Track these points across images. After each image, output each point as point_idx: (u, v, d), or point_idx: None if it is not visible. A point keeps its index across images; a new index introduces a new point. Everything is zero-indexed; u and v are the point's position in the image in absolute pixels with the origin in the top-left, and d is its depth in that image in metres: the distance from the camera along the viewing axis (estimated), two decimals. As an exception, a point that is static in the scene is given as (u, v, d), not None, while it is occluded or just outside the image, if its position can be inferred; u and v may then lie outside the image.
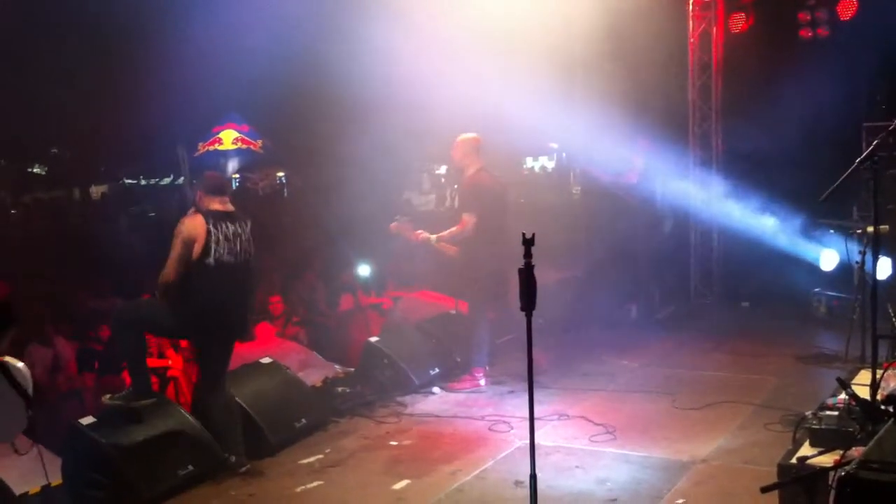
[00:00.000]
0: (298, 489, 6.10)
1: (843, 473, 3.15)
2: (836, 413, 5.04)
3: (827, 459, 4.66)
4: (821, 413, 5.12)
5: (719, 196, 11.64)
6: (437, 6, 9.92)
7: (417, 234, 8.45)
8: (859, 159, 5.56)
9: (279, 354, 7.85)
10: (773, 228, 10.87)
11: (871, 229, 6.55)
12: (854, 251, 8.61)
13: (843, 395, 5.19)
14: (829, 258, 10.40)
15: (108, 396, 6.32)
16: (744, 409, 7.32)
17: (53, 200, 22.98)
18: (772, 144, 10.73)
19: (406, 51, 9.82)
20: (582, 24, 9.83)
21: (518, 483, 5.92)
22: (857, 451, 4.19)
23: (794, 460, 4.84)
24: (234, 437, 6.44)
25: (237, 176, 22.76)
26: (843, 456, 4.38)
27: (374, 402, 7.88)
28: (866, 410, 4.85)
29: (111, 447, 5.85)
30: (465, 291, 8.59)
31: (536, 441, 4.81)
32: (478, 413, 7.54)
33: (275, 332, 9.29)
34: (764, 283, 11.19)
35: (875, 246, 6.08)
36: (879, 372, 5.38)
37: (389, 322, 9.83)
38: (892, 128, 5.71)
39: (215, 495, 6.05)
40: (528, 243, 4.44)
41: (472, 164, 8.22)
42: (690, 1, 11.77)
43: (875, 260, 5.90)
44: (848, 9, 11.12)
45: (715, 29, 11.81)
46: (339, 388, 8.02)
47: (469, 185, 8.23)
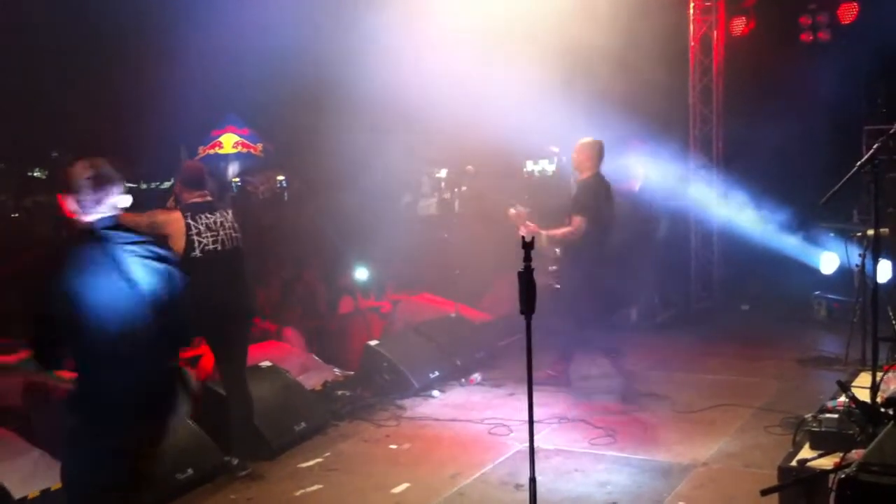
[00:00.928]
0: (298, 493, 6.09)
1: (843, 476, 3.16)
2: (836, 416, 5.05)
3: (827, 462, 4.67)
4: (821, 416, 5.13)
5: (720, 199, 11.65)
6: (439, 9, 9.93)
7: (528, 226, 8.08)
8: (860, 162, 5.58)
9: (278, 358, 7.84)
10: (773, 231, 10.87)
11: (871, 232, 6.54)
12: (854, 254, 8.62)
13: (843, 398, 5.20)
14: (829, 261, 10.42)
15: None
16: (744, 411, 7.32)
17: (55, 204, 22.98)
18: (772, 147, 10.74)
19: (407, 53, 9.82)
20: (582, 27, 9.83)
21: (518, 486, 5.92)
22: (857, 454, 4.19)
23: (794, 463, 4.84)
24: (241, 437, 6.43)
25: (237, 180, 22.75)
26: (843, 458, 4.39)
27: (374, 406, 7.87)
28: (866, 413, 4.86)
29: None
30: (564, 291, 8.28)
31: (536, 444, 4.80)
32: (477, 416, 7.53)
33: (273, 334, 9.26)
34: (764, 286, 11.21)
35: (875, 249, 6.09)
36: (879, 374, 5.39)
37: (389, 325, 9.82)
38: (892, 131, 5.72)
39: (215, 499, 6.04)
40: (527, 247, 4.43)
41: (590, 167, 8.11)
42: (691, 4, 11.76)
43: (875, 263, 5.91)
44: (848, 13, 11.15)
45: (716, 32, 11.80)
46: (339, 392, 8.03)
47: (584, 187, 8.11)
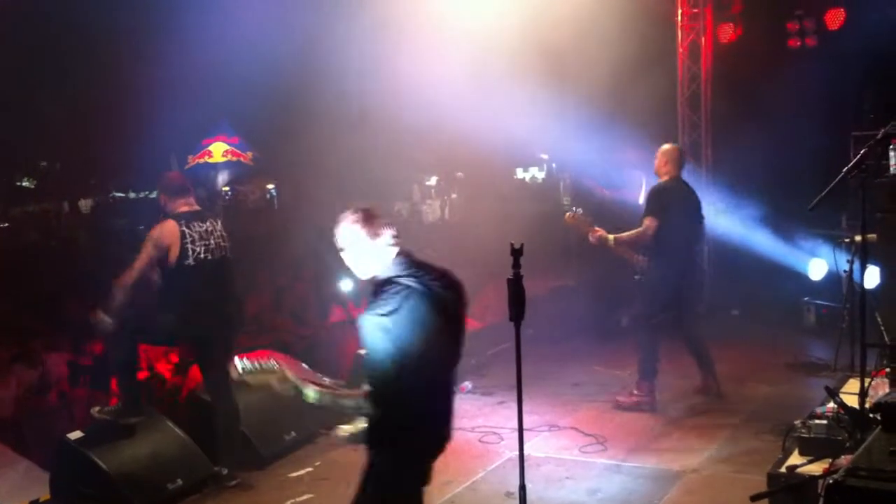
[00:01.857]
0: (288, 502, 6.08)
1: (831, 481, 3.16)
2: (825, 422, 5.08)
3: (816, 468, 4.69)
4: (810, 422, 5.15)
5: (709, 205, 11.66)
6: (429, 18, 9.94)
7: (595, 231, 7.94)
8: (847, 168, 5.59)
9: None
10: (763, 237, 10.89)
11: (859, 238, 6.56)
12: (842, 260, 8.65)
13: (831, 404, 5.22)
14: (817, 267, 10.44)
15: (96, 409, 6.23)
16: (734, 418, 7.34)
17: (43, 213, 22.90)
18: (761, 154, 10.77)
19: (397, 62, 9.82)
20: (570, 34, 9.86)
21: (509, 494, 5.92)
22: (845, 459, 4.20)
23: (783, 469, 4.87)
24: (230, 447, 6.41)
25: (227, 188, 22.67)
26: (832, 464, 4.40)
27: (365, 415, 7.84)
28: (855, 419, 4.88)
29: (100, 462, 5.82)
30: (638, 297, 8.27)
31: (527, 452, 4.81)
32: (468, 424, 7.52)
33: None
34: (753, 291, 11.21)
35: (863, 255, 6.11)
36: (868, 380, 5.40)
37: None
38: (879, 137, 5.74)
39: (205, 509, 6.03)
40: (516, 254, 4.42)
41: (668, 171, 8.05)
42: (679, 11, 11.81)
43: (863, 269, 5.93)
44: (836, 19, 11.19)
45: (703, 39, 11.84)
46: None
47: (656, 191, 8.06)
